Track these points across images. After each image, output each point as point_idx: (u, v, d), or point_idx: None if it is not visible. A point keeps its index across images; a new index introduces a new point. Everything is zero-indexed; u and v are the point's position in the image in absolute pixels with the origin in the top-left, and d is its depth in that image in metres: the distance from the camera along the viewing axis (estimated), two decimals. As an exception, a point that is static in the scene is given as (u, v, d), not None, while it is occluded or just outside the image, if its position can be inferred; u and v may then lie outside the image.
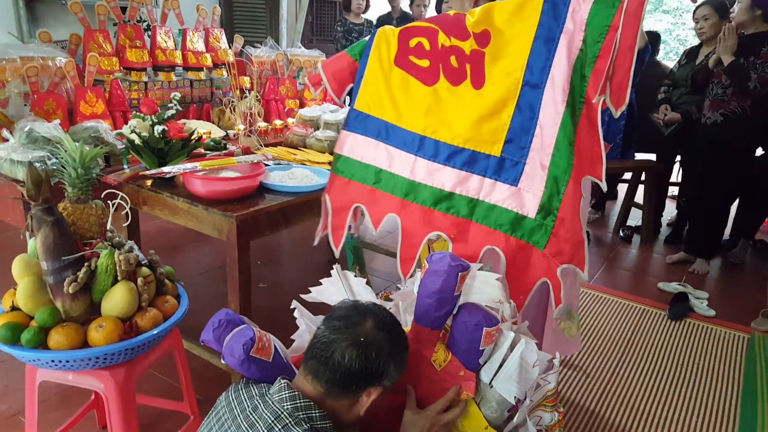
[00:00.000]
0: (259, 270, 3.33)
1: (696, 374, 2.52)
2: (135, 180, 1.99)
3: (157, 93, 2.76)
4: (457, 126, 1.60)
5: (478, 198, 1.60)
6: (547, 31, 1.50)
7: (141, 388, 2.05)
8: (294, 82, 3.25)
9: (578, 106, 1.48)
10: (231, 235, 1.79)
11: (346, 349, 1.09)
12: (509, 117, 1.55)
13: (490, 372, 1.28)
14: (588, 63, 1.46)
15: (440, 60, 1.63)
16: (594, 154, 1.49)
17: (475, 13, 1.59)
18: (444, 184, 1.62)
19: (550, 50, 1.49)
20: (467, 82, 1.60)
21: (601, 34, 1.43)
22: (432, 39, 1.65)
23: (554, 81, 1.49)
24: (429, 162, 1.64)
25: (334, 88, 1.78)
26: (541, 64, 1.50)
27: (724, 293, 3.40)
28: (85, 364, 1.39)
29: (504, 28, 1.56)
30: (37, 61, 2.19)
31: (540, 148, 1.51)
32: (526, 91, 1.52)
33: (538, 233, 1.53)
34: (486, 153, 1.58)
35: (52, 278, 1.40)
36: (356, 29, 5.06)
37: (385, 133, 1.70)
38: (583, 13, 1.45)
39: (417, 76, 1.66)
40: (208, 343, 1.26)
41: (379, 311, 1.17)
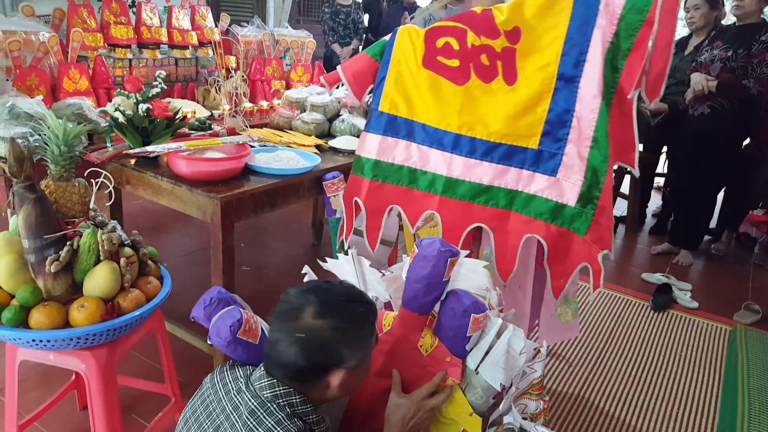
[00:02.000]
0: (242, 253, 3.32)
1: (678, 365, 2.56)
2: (118, 159, 1.96)
3: (141, 70, 2.72)
4: (492, 122, 1.63)
5: (517, 189, 1.64)
6: (579, 24, 1.53)
7: (122, 369, 2.04)
8: (281, 62, 3.22)
9: (609, 97, 1.52)
10: (215, 217, 1.78)
11: (288, 347, 1.05)
12: (545, 111, 1.58)
13: (477, 358, 1.28)
14: (621, 56, 1.50)
15: (470, 59, 1.64)
16: (626, 142, 1.55)
17: (504, 11, 1.60)
18: (482, 178, 1.66)
19: (584, 44, 1.53)
20: (499, 79, 1.63)
21: (635, 29, 1.47)
22: (461, 39, 1.66)
23: (589, 74, 1.52)
24: (466, 158, 1.67)
25: (355, 89, 1.80)
26: (575, 58, 1.54)
27: (708, 285, 3.45)
28: (66, 344, 1.37)
29: (535, 23, 1.58)
30: (19, 35, 2.14)
31: (578, 140, 1.55)
32: (561, 84, 1.56)
33: (579, 220, 1.58)
34: (523, 146, 1.62)
35: (34, 257, 1.38)
36: (344, 10, 5.01)
37: (416, 134, 1.72)
38: (616, 7, 1.49)
39: (447, 76, 1.68)
40: (198, 320, 1.25)
41: (322, 295, 1.11)
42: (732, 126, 3.34)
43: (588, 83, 1.53)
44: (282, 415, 1.03)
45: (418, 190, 1.74)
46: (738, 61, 3.16)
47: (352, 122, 2.56)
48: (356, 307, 1.12)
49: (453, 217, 1.71)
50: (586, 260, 1.60)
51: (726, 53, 3.20)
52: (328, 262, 1.54)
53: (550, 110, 1.58)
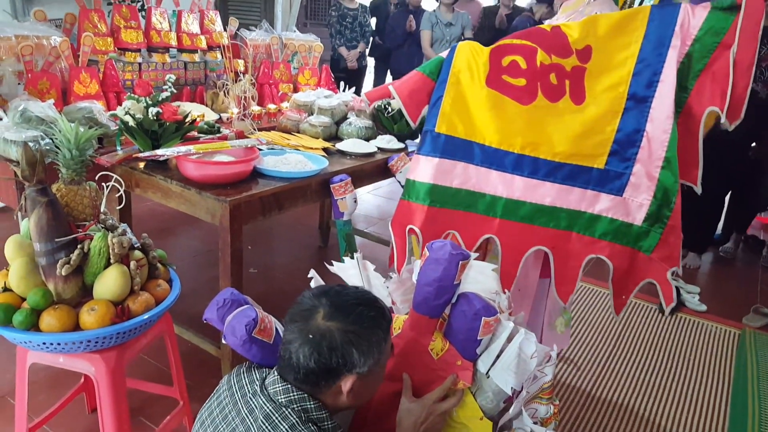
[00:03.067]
0: (249, 255, 3.33)
1: (687, 369, 2.55)
2: (128, 162, 1.98)
3: (151, 74, 2.74)
4: (558, 143, 1.61)
5: (580, 209, 1.63)
6: (654, 44, 1.53)
7: (131, 372, 2.05)
8: (288, 66, 3.23)
9: (676, 116, 1.53)
10: (224, 220, 1.79)
11: (299, 348, 1.05)
12: (614, 131, 1.57)
13: (488, 362, 1.27)
14: (692, 76, 1.52)
15: (538, 78, 1.62)
16: (690, 160, 1.57)
17: (575, 29, 1.59)
18: (544, 199, 1.64)
19: (658, 64, 1.52)
20: (566, 98, 1.61)
21: (710, 50, 1.49)
22: (529, 57, 1.63)
23: (662, 94, 1.52)
24: (527, 179, 1.64)
25: (411, 110, 1.72)
26: (649, 78, 1.53)
27: (716, 288, 3.43)
28: (76, 347, 1.38)
29: (607, 42, 1.57)
30: (31, 39, 2.16)
31: (647, 160, 1.55)
32: (632, 104, 1.55)
33: (645, 239, 1.58)
34: (589, 166, 1.60)
35: (45, 260, 1.38)
36: (350, 14, 5.02)
37: (475, 155, 1.67)
38: (692, 28, 1.50)
39: (512, 95, 1.64)
40: (211, 321, 1.25)
41: (335, 298, 1.10)
42: (739, 129, 3.31)
43: (661, 104, 1.52)
44: (296, 419, 1.03)
45: (477, 213, 1.70)
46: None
47: (360, 125, 2.56)
48: (368, 311, 1.11)
49: (513, 240, 1.68)
50: (653, 277, 1.61)
51: None
52: (334, 265, 1.55)
53: (619, 130, 1.56)
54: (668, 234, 1.56)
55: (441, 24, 4.68)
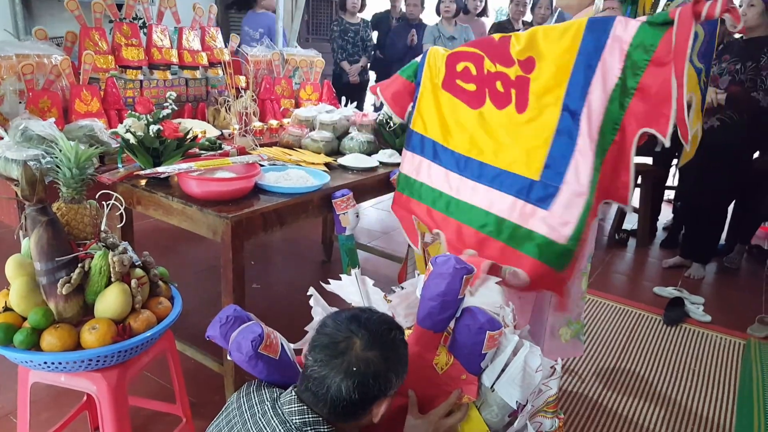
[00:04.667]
0: (252, 270, 3.32)
1: (692, 380, 2.52)
2: (129, 179, 1.98)
3: (152, 91, 2.75)
4: (501, 149, 1.66)
5: (511, 220, 1.64)
6: (586, 57, 1.52)
7: (133, 390, 2.04)
8: (290, 81, 3.24)
9: (611, 133, 1.51)
10: (225, 237, 1.78)
11: (341, 383, 1.02)
12: (548, 142, 1.57)
13: (492, 376, 1.27)
14: (626, 93, 1.48)
15: (486, 85, 1.68)
16: (620, 180, 1.53)
17: (521, 39, 1.61)
18: (489, 204, 1.69)
19: (587, 77, 1.51)
20: (511, 106, 1.64)
21: (640, 68, 1.45)
22: (478, 64, 1.69)
23: (591, 108, 1.51)
24: (474, 183, 1.71)
25: (396, 110, 1.89)
26: (579, 92, 1.53)
27: (720, 298, 3.40)
28: (77, 366, 1.37)
29: (547, 54, 1.58)
30: (32, 58, 2.17)
31: (576, 175, 1.54)
32: (566, 116, 1.55)
33: (563, 258, 1.57)
34: (527, 177, 1.62)
35: (46, 279, 1.38)
36: (352, 29, 5.05)
37: (434, 153, 1.79)
38: (623, 43, 1.47)
39: (464, 99, 1.72)
40: (214, 338, 1.24)
41: (365, 323, 1.09)
42: (742, 138, 3.32)
43: (588, 118, 1.52)
44: None
45: (437, 210, 1.81)
46: (747, 74, 3.15)
47: (361, 140, 2.57)
48: (397, 334, 1.12)
49: (451, 237, 1.76)
50: (551, 289, 1.65)
51: (734, 66, 3.19)
52: (332, 283, 1.54)
53: (554, 143, 1.57)
54: (580, 249, 1.57)
55: (443, 38, 4.70)
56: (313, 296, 1.52)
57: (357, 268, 1.67)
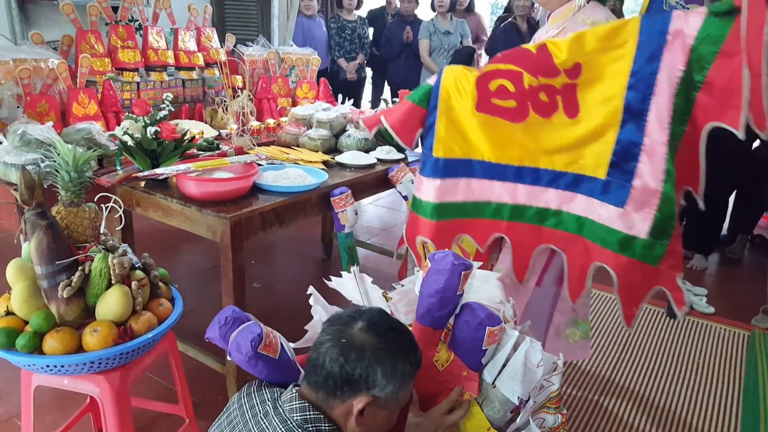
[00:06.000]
0: (252, 269, 3.33)
1: (696, 372, 2.52)
2: (128, 181, 1.98)
3: (149, 93, 2.75)
4: (554, 153, 1.62)
5: (587, 216, 1.62)
6: (647, 57, 1.47)
7: (136, 391, 2.05)
8: (286, 80, 3.24)
9: (680, 125, 1.47)
10: (225, 237, 1.79)
11: (328, 350, 1.06)
12: (611, 143, 1.53)
13: (493, 372, 1.26)
14: (693, 88, 1.44)
15: (528, 98, 1.62)
16: (691, 171, 1.53)
17: (563, 48, 1.55)
18: (549, 203, 1.66)
19: (651, 76, 1.47)
20: (560, 113, 1.60)
21: (708, 61, 1.40)
22: (516, 81, 1.62)
23: (659, 108, 1.47)
24: (530, 186, 1.67)
25: (402, 135, 1.77)
26: (643, 92, 1.48)
27: (723, 290, 3.40)
28: (80, 369, 1.38)
29: (597, 57, 1.53)
30: (29, 63, 2.17)
31: (648, 173, 1.51)
32: (628, 117, 1.51)
33: (651, 252, 1.54)
34: (590, 175, 1.59)
35: (47, 282, 1.38)
36: (349, 26, 5.05)
37: (475, 170, 1.71)
38: (686, 38, 1.42)
39: (503, 116, 1.65)
40: (213, 340, 1.24)
41: (376, 317, 1.13)
42: (742, 128, 3.31)
43: (657, 116, 1.47)
44: None
45: (484, 218, 1.75)
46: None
47: (359, 137, 2.57)
48: (403, 339, 1.13)
49: (522, 238, 1.73)
50: (663, 285, 1.58)
51: None
52: (333, 280, 1.55)
53: (618, 142, 1.53)
54: (674, 243, 1.53)
55: (439, 33, 4.70)
56: (313, 295, 1.52)
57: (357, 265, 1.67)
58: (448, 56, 4.68)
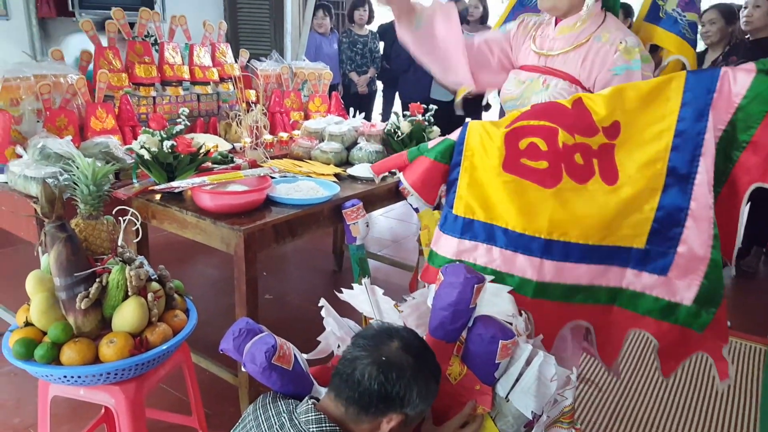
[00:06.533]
0: (265, 281, 3.35)
1: (712, 388, 2.49)
2: (144, 194, 2.01)
3: (165, 107, 2.79)
4: (590, 226, 1.45)
5: (620, 286, 1.50)
6: (693, 116, 1.38)
7: (150, 402, 2.05)
8: (299, 94, 3.28)
9: (717, 189, 1.40)
10: (238, 249, 1.81)
11: (366, 366, 1.06)
12: (653, 209, 1.42)
13: (507, 386, 1.27)
14: (736, 147, 1.38)
15: (562, 160, 1.47)
16: (728, 233, 1.45)
17: (602, 104, 1.45)
18: (579, 279, 1.49)
19: (698, 137, 1.37)
20: (596, 178, 1.45)
21: (756, 120, 1.34)
22: (550, 139, 1.48)
23: (706, 170, 1.37)
24: (558, 263, 1.47)
25: (424, 193, 1.64)
26: (690, 153, 1.38)
27: (738, 303, 3.35)
28: (96, 380, 1.40)
29: (637, 116, 1.43)
30: (49, 78, 2.22)
31: (696, 238, 1.40)
32: (672, 181, 1.40)
33: (696, 319, 1.45)
34: (627, 246, 1.45)
35: (65, 294, 1.41)
36: (361, 40, 5.11)
37: (498, 238, 1.52)
38: (734, 96, 1.35)
39: (533, 179, 1.49)
40: (227, 351, 1.26)
41: (409, 335, 1.14)
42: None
43: (703, 180, 1.38)
44: None
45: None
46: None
47: (370, 150, 2.59)
48: (434, 360, 1.15)
49: (547, 317, 1.52)
50: (706, 351, 1.51)
51: None
52: (344, 292, 1.56)
53: (660, 208, 1.41)
54: (721, 311, 1.44)
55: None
56: (325, 307, 1.54)
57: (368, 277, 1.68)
58: (459, 70, 4.70)
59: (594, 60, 1.69)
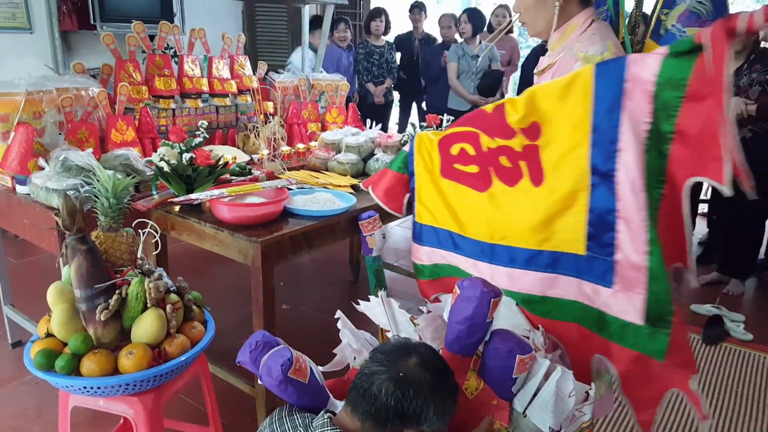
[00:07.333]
0: (281, 291, 3.36)
1: (735, 403, 2.45)
2: (163, 206, 2.04)
3: (184, 119, 2.83)
4: (525, 229, 1.43)
5: (578, 300, 1.41)
6: (604, 109, 1.28)
7: (168, 412, 2.06)
8: (316, 105, 3.30)
9: (656, 187, 1.26)
10: (256, 260, 1.82)
11: (384, 382, 1.06)
12: (584, 212, 1.34)
13: (524, 401, 1.25)
14: (663, 140, 1.23)
15: (489, 163, 1.49)
16: (680, 240, 1.30)
17: (518, 105, 1.40)
18: (533, 288, 1.45)
19: (613, 130, 1.28)
20: (525, 180, 1.43)
21: (674, 108, 1.21)
22: (474, 143, 1.50)
23: (627, 166, 1.27)
24: (509, 269, 1.47)
25: (388, 203, 1.76)
26: (607, 149, 1.29)
27: (762, 316, 3.29)
28: (115, 391, 1.41)
29: (554, 115, 1.36)
30: (71, 91, 2.26)
31: (629, 244, 1.29)
32: (597, 180, 1.32)
33: (653, 344, 1.30)
34: (569, 252, 1.38)
35: (85, 305, 1.43)
36: (377, 51, 5.14)
37: (454, 244, 1.60)
38: (646, 83, 1.23)
39: (467, 183, 1.53)
40: (244, 364, 1.26)
41: (428, 352, 1.13)
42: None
43: (626, 177, 1.27)
44: None
45: None
46: (778, 85, 3.10)
47: (386, 161, 2.59)
48: (452, 379, 1.14)
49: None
50: (677, 387, 1.32)
51: (765, 77, 3.15)
52: (360, 304, 1.56)
53: (591, 210, 1.33)
54: (677, 334, 1.27)
55: (467, 56, 4.72)
56: (341, 319, 1.54)
57: (384, 289, 1.68)
58: (476, 79, 4.70)
59: (559, 73, 1.57)
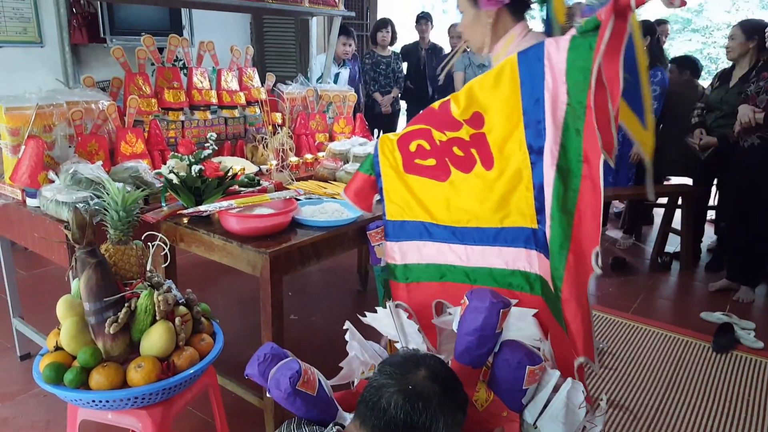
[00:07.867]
0: (290, 301, 3.36)
1: (746, 411, 2.42)
2: (173, 218, 2.05)
3: (193, 131, 2.84)
4: (486, 209, 1.56)
5: (534, 272, 1.51)
6: (530, 92, 1.40)
7: (177, 425, 2.07)
8: (324, 116, 3.31)
9: (577, 166, 1.34)
10: (264, 271, 1.82)
11: (393, 395, 1.05)
12: (530, 188, 1.46)
13: (534, 412, 1.25)
14: (577, 117, 1.32)
15: (444, 154, 1.60)
16: (591, 224, 1.33)
17: (459, 99, 1.52)
18: (505, 262, 1.56)
19: (538, 111, 1.39)
20: (478, 165, 1.55)
21: (583, 89, 1.27)
22: (428, 138, 1.62)
23: (549, 143, 1.38)
24: (476, 247, 1.60)
25: (358, 202, 1.84)
26: (536, 128, 1.41)
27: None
28: (124, 404, 1.41)
29: (491, 103, 1.48)
30: (81, 105, 2.28)
31: (547, 218, 1.41)
32: (535, 157, 1.44)
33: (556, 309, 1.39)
34: (526, 227, 1.50)
35: (94, 319, 1.43)
36: (384, 61, 5.16)
37: (427, 233, 1.69)
38: (560, 63, 1.31)
39: (429, 175, 1.65)
40: (253, 377, 1.26)
41: (436, 364, 1.13)
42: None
43: (550, 153, 1.39)
44: None
45: (451, 282, 1.68)
46: (786, 92, 3.08)
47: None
48: (462, 391, 1.13)
49: None
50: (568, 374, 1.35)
51: None
52: (368, 316, 1.55)
53: (535, 186, 1.45)
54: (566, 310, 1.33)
55: (473, 66, 4.74)
56: (349, 330, 1.53)
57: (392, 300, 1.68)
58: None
59: None
